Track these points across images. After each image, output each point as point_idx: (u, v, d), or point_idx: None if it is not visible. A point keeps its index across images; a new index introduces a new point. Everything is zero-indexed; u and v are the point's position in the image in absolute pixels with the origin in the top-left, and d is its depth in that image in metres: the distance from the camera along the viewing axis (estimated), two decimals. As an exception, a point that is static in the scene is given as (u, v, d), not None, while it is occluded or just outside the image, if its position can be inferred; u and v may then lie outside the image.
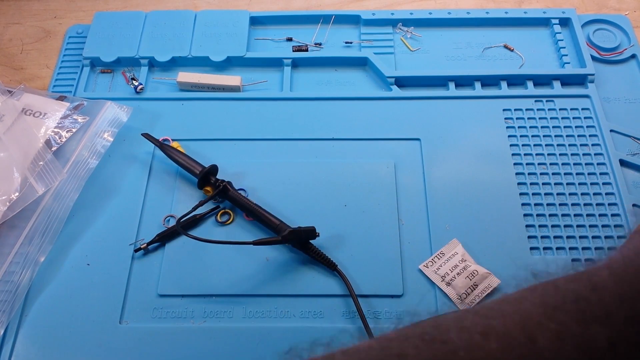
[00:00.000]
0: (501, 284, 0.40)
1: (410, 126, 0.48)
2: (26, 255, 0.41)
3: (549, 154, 0.46)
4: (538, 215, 0.43)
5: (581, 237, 0.42)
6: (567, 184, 0.45)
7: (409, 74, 0.51)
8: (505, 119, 0.48)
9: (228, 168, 0.45)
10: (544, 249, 0.42)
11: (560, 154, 0.46)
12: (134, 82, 0.51)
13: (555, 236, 0.42)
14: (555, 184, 0.45)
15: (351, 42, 0.54)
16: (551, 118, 0.48)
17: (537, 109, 0.49)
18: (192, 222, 0.43)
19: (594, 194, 0.44)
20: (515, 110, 0.49)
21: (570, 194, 0.44)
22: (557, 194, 0.44)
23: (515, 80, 0.51)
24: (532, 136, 0.47)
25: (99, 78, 0.52)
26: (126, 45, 0.53)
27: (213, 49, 0.52)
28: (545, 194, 0.44)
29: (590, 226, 0.43)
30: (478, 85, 0.51)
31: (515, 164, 0.46)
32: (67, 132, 0.46)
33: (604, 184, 0.45)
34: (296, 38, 0.54)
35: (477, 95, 0.50)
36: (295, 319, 0.39)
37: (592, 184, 0.45)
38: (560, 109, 0.49)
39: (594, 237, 0.42)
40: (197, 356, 0.37)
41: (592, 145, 0.47)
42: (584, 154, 0.46)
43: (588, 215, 0.43)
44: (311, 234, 0.40)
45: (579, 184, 0.45)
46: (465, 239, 0.42)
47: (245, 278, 0.40)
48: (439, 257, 0.41)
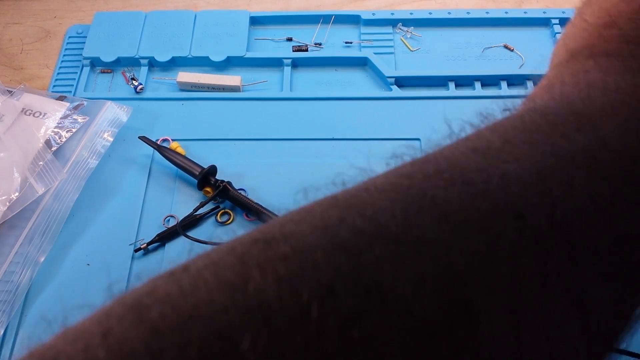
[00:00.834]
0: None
1: (410, 126, 0.48)
2: (26, 255, 0.40)
3: (549, 154, 0.46)
4: (538, 215, 0.43)
5: (581, 237, 0.42)
6: (567, 184, 0.45)
7: (409, 74, 0.51)
8: (505, 119, 0.48)
9: (228, 168, 0.45)
10: (544, 249, 0.42)
11: (560, 154, 0.46)
12: (134, 82, 0.51)
13: (555, 236, 0.42)
14: (555, 184, 0.45)
15: (351, 42, 0.54)
16: (551, 118, 0.48)
17: (537, 109, 0.49)
18: (192, 222, 0.43)
19: (594, 194, 0.44)
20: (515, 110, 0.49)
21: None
22: (557, 194, 0.44)
23: (516, 80, 0.51)
24: (532, 136, 0.47)
25: (99, 78, 0.52)
26: (126, 45, 0.53)
27: (213, 49, 0.52)
28: (545, 194, 0.44)
29: (590, 226, 0.43)
30: (478, 85, 0.51)
31: (515, 164, 0.46)
32: (67, 132, 0.46)
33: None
34: (296, 38, 0.54)
35: (477, 95, 0.50)
36: (295, 319, 0.39)
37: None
38: (560, 109, 0.49)
39: (594, 237, 0.42)
40: (197, 356, 0.37)
41: (592, 145, 0.47)
42: (584, 154, 0.46)
43: (588, 215, 0.43)
44: None
45: (579, 184, 0.45)
46: (465, 239, 0.42)
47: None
48: (439, 257, 0.41)
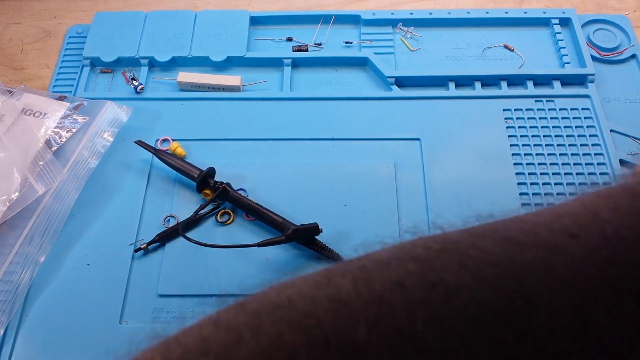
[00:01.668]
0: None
1: (410, 126, 0.48)
2: (26, 255, 0.40)
3: (549, 154, 0.46)
4: (538, 215, 0.43)
5: (581, 237, 0.42)
6: (567, 184, 0.45)
7: (409, 74, 0.51)
8: (505, 119, 0.48)
9: (228, 168, 0.45)
10: (544, 249, 0.42)
11: (560, 154, 0.46)
12: (134, 82, 0.51)
13: (555, 236, 0.42)
14: (555, 184, 0.45)
15: (351, 42, 0.54)
16: (551, 118, 0.48)
17: (537, 109, 0.49)
18: (192, 223, 0.43)
19: (594, 194, 0.44)
20: (515, 110, 0.49)
21: (570, 194, 0.44)
22: (557, 194, 0.44)
23: (515, 80, 0.51)
24: (532, 136, 0.47)
25: (99, 78, 0.52)
26: (126, 45, 0.53)
27: (213, 49, 0.52)
28: (545, 194, 0.44)
29: (590, 226, 0.43)
30: (478, 85, 0.51)
31: (515, 164, 0.46)
32: (67, 132, 0.46)
33: (604, 184, 0.45)
34: (296, 38, 0.54)
35: (477, 95, 0.50)
36: (295, 319, 0.39)
37: (592, 184, 0.45)
38: (560, 109, 0.49)
39: (594, 237, 0.42)
40: (197, 356, 0.37)
41: (592, 145, 0.47)
42: (584, 154, 0.46)
43: (588, 215, 0.43)
44: (314, 231, 0.40)
45: (579, 184, 0.45)
46: (465, 239, 0.42)
47: (245, 278, 0.40)
48: (439, 257, 0.41)
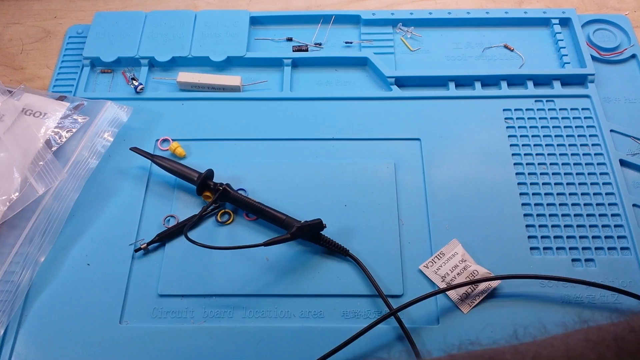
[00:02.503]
0: (501, 284, 0.40)
1: (410, 126, 0.48)
2: (26, 255, 0.41)
3: (549, 154, 0.46)
4: (538, 215, 0.43)
5: (581, 237, 0.42)
6: (567, 184, 0.45)
7: (409, 74, 0.51)
8: (505, 119, 0.48)
9: (228, 168, 0.45)
10: (544, 249, 0.42)
11: (560, 154, 0.46)
12: (134, 82, 0.51)
13: (555, 236, 0.42)
14: (555, 184, 0.45)
15: (351, 42, 0.54)
16: (551, 118, 0.48)
17: (537, 109, 0.49)
18: (193, 223, 0.43)
19: (594, 194, 0.44)
20: (515, 110, 0.49)
21: (570, 194, 0.44)
22: (557, 194, 0.44)
23: (515, 80, 0.51)
24: (532, 136, 0.47)
25: (99, 78, 0.52)
26: (126, 45, 0.53)
27: (213, 49, 0.52)
28: (545, 194, 0.44)
29: (590, 226, 0.43)
30: (478, 85, 0.51)
31: (515, 164, 0.46)
32: (67, 132, 0.46)
33: (604, 184, 0.45)
34: (296, 38, 0.54)
35: (477, 95, 0.50)
36: (295, 319, 0.39)
37: (592, 184, 0.45)
38: (560, 109, 0.49)
39: (594, 237, 0.42)
40: (197, 356, 0.37)
41: (592, 145, 0.47)
42: (584, 154, 0.46)
43: (588, 215, 0.43)
44: (319, 227, 0.40)
45: (579, 184, 0.45)
46: (465, 239, 0.42)
47: (245, 278, 0.40)
48: (439, 257, 0.41)
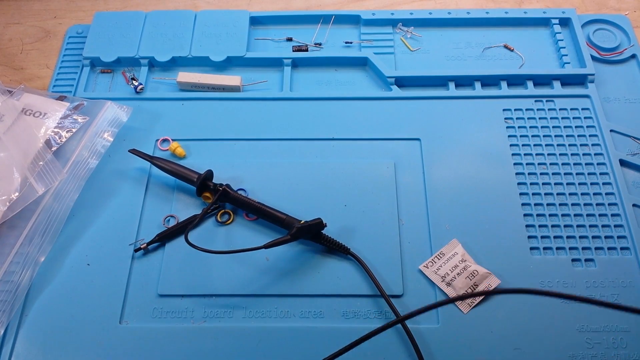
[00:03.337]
0: (501, 284, 0.40)
1: (410, 126, 0.48)
2: (26, 255, 0.41)
3: (549, 154, 0.46)
4: (538, 215, 0.43)
5: (581, 237, 0.42)
6: (567, 184, 0.45)
7: (409, 74, 0.51)
8: (505, 119, 0.48)
9: (228, 168, 0.45)
10: (544, 249, 0.42)
11: (560, 154, 0.46)
12: (134, 82, 0.51)
13: (555, 236, 0.42)
14: (555, 184, 0.45)
15: (351, 42, 0.54)
16: (551, 118, 0.48)
17: (537, 109, 0.49)
18: (193, 226, 0.43)
19: (594, 194, 0.44)
20: (515, 110, 0.49)
21: (570, 194, 0.44)
22: (557, 194, 0.44)
23: (515, 80, 0.51)
24: (532, 136, 0.47)
25: (99, 78, 0.52)
26: (126, 45, 0.53)
27: (213, 49, 0.52)
28: (545, 194, 0.44)
29: (590, 226, 0.43)
30: (478, 85, 0.51)
31: (515, 164, 0.46)
32: (67, 132, 0.46)
33: (604, 184, 0.45)
34: (296, 38, 0.54)
35: (477, 95, 0.50)
36: (295, 318, 0.39)
37: (592, 184, 0.45)
38: (560, 109, 0.49)
39: (594, 237, 0.42)
40: (197, 356, 0.37)
41: (592, 145, 0.47)
42: (584, 154, 0.46)
43: (588, 215, 0.43)
44: (319, 226, 0.40)
45: (579, 184, 0.45)
46: (465, 239, 0.42)
47: (245, 278, 0.40)
48: (439, 257, 0.41)
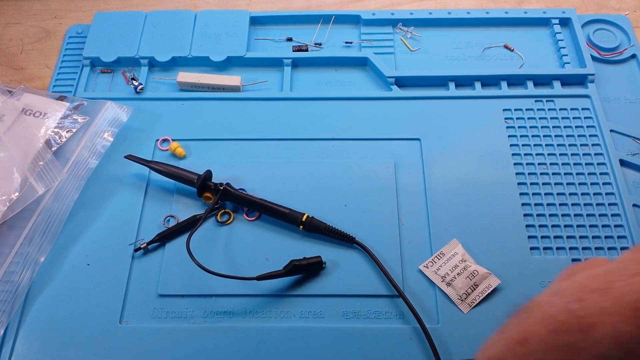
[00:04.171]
0: (501, 284, 0.40)
1: (410, 126, 0.48)
2: (26, 255, 0.40)
3: (549, 154, 0.46)
4: (538, 215, 0.43)
5: (581, 237, 0.42)
6: (567, 184, 0.45)
7: (409, 74, 0.51)
8: (505, 119, 0.48)
9: (228, 168, 0.45)
10: (544, 249, 0.42)
11: (560, 154, 0.46)
12: (134, 82, 0.51)
13: (555, 236, 0.42)
14: (555, 184, 0.45)
15: (351, 42, 0.54)
16: (551, 118, 0.48)
17: (537, 109, 0.49)
18: (193, 222, 0.43)
19: (594, 194, 0.44)
20: (515, 110, 0.49)
21: (570, 194, 0.44)
22: (557, 194, 0.44)
23: (515, 80, 0.51)
24: (532, 136, 0.47)
25: (99, 78, 0.52)
26: (126, 45, 0.53)
27: (213, 49, 0.52)
28: (545, 194, 0.44)
29: (590, 226, 0.43)
30: (478, 85, 0.51)
31: (515, 164, 0.46)
32: (67, 132, 0.46)
33: (604, 184, 0.45)
34: (296, 38, 0.54)
35: (477, 95, 0.50)
36: (295, 319, 0.39)
37: (592, 184, 0.45)
38: (560, 109, 0.49)
39: (594, 237, 0.42)
40: (197, 356, 0.37)
41: (592, 145, 0.47)
42: (584, 154, 0.46)
43: (588, 215, 0.43)
44: (318, 265, 0.39)
45: (579, 184, 0.45)
46: (465, 239, 0.42)
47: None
48: (439, 257, 0.41)
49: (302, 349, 0.37)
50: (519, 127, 0.48)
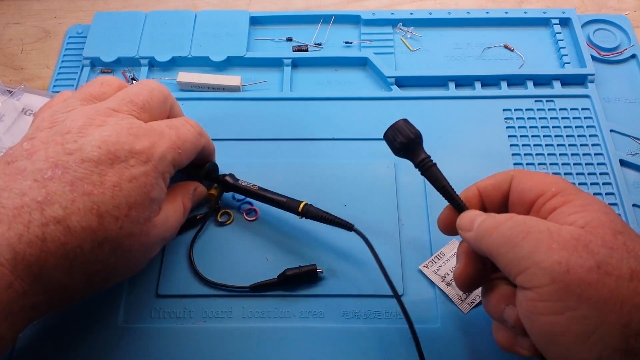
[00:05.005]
0: (501, 284, 0.40)
1: (410, 126, 0.48)
2: (26, 255, 0.40)
3: (549, 154, 0.46)
4: (538, 215, 0.43)
5: (581, 237, 0.42)
6: (567, 184, 0.45)
7: (409, 74, 0.51)
8: (505, 119, 0.48)
9: (228, 168, 0.45)
10: (544, 249, 0.42)
11: (560, 154, 0.46)
12: (134, 82, 0.51)
13: (555, 236, 0.42)
14: (555, 184, 0.45)
15: (351, 42, 0.54)
16: (551, 118, 0.48)
17: (537, 109, 0.49)
18: (192, 223, 0.43)
19: (594, 194, 0.44)
20: (515, 110, 0.49)
21: (570, 194, 0.44)
22: (557, 194, 0.44)
23: (515, 80, 0.51)
24: (532, 136, 0.47)
25: (99, 78, 0.52)
26: (126, 45, 0.53)
27: (213, 49, 0.52)
28: (545, 194, 0.44)
29: (590, 226, 0.43)
30: (478, 85, 0.51)
31: (515, 164, 0.46)
32: (67, 132, 0.46)
33: (604, 184, 0.45)
34: (296, 38, 0.54)
35: (477, 95, 0.50)
36: (295, 319, 0.39)
37: (592, 184, 0.45)
38: (560, 109, 0.49)
39: (594, 237, 0.42)
40: (197, 356, 0.37)
41: (592, 145, 0.47)
42: (584, 154, 0.46)
43: (588, 215, 0.43)
44: (311, 274, 0.39)
45: (579, 184, 0.45)
46: (465, 239, 0.42)
47: (244, 278, 0.40)
48: (439, 257, 0.41)
49: (302, 349, 0.37)
50: (519, 127, 0.48)
